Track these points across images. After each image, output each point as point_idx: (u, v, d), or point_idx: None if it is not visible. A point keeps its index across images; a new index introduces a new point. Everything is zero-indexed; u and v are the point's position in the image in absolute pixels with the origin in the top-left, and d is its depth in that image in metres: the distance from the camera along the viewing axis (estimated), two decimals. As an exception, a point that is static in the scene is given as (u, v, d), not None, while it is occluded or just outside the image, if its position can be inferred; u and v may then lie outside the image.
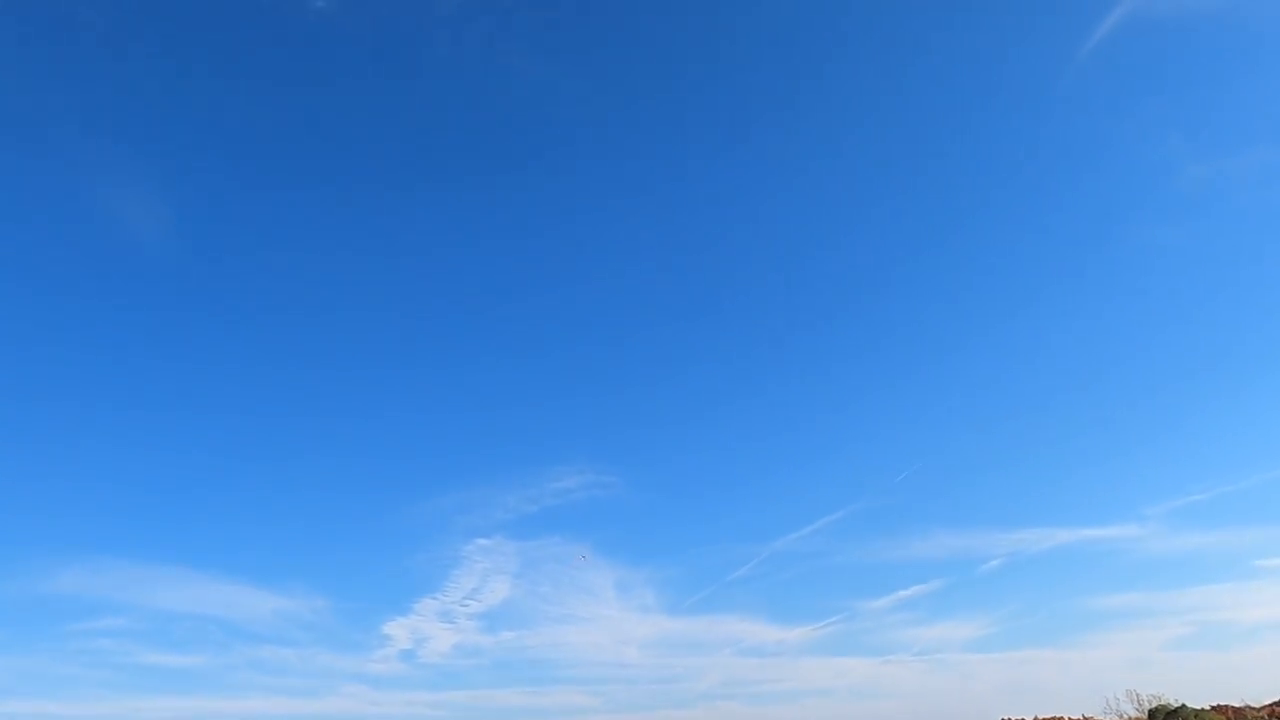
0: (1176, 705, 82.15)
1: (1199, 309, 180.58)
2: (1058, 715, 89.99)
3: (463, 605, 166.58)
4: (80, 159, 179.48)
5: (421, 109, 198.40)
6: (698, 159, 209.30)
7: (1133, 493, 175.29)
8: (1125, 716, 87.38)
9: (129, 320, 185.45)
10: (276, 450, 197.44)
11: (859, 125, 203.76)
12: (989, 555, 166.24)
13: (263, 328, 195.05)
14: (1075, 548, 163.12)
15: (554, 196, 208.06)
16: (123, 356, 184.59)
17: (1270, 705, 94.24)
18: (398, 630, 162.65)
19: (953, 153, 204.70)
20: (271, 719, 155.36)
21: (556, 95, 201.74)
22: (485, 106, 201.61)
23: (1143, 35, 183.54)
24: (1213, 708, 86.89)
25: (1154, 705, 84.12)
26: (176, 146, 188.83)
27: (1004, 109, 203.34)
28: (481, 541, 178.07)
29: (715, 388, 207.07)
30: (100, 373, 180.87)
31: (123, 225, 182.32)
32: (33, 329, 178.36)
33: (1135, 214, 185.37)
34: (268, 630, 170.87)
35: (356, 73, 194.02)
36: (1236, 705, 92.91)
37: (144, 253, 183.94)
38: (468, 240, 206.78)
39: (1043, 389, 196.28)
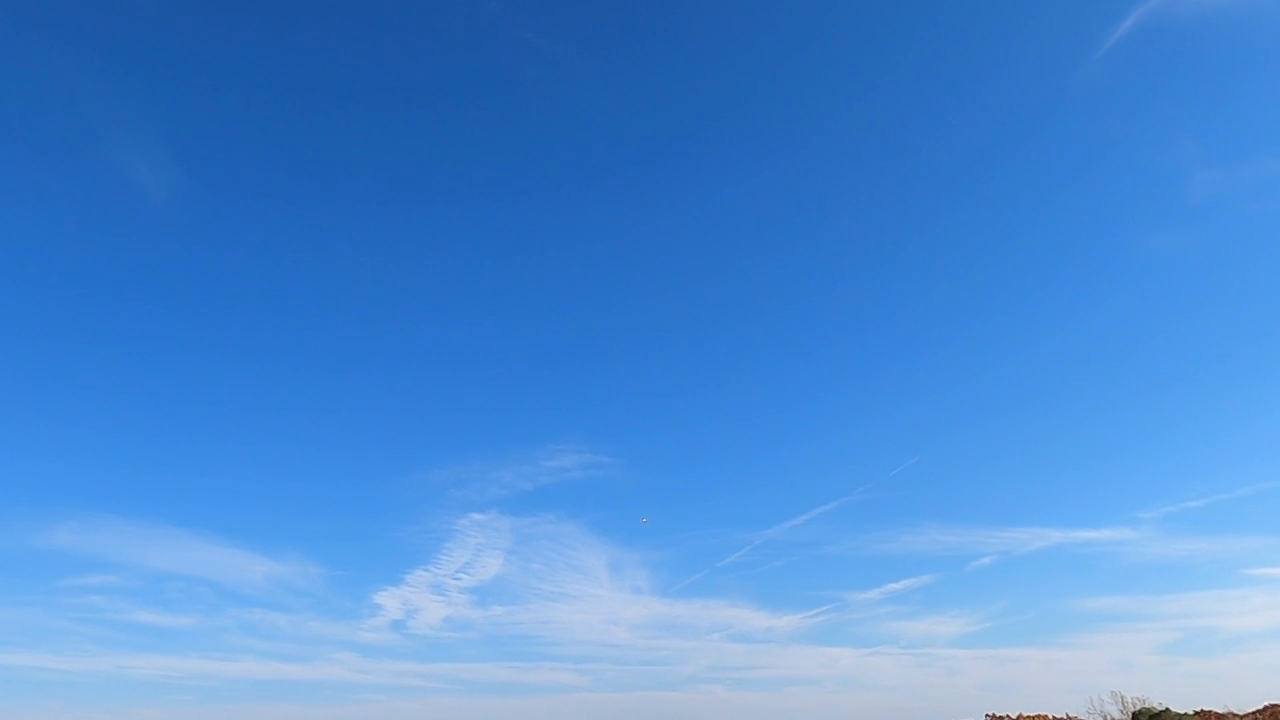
0: (1160, 709, 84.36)
1: (1203, 315, 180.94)
2: (1042, 714, 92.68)
3: (455, 579, 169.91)
4: (86, 105, 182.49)
5: (425, 70, 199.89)
6: (705, 148, 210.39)
7: (1127, 496, 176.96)
8: (1109, 717, 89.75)
9: (130, 271, 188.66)
10: (277, 415, 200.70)
11: (872, 122, 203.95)
12: (980, 552, 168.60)
13: (265, 290, 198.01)
14: (1067, 548, 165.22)
15: (560, 181, 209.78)
16: (123, 309, 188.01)
17: (1254, 713, 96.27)
18: (389, 600, 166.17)
19: (964, 152, 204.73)
20: (261, 683, 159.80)
21: (558, 81, 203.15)
22: (484, 76, 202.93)
23: (1158, 40, 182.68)
24: (1196, 713, 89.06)
25: (1138, 708, 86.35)
26: (181, 95, 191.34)
27: (1018, 110, 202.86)
28: (476, 516, 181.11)
29: (714, 377, 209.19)
30: (102, 326, 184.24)
31: (126, 172, 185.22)
32: (33, 276, 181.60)
33: (1143, 218, 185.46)
34: (259, 594, 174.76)
35: (364, 32, 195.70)
36: (1220, 712, 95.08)
37: (147, 200, 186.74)
38: (476, 222, 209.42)
39: (1042, 389, 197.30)
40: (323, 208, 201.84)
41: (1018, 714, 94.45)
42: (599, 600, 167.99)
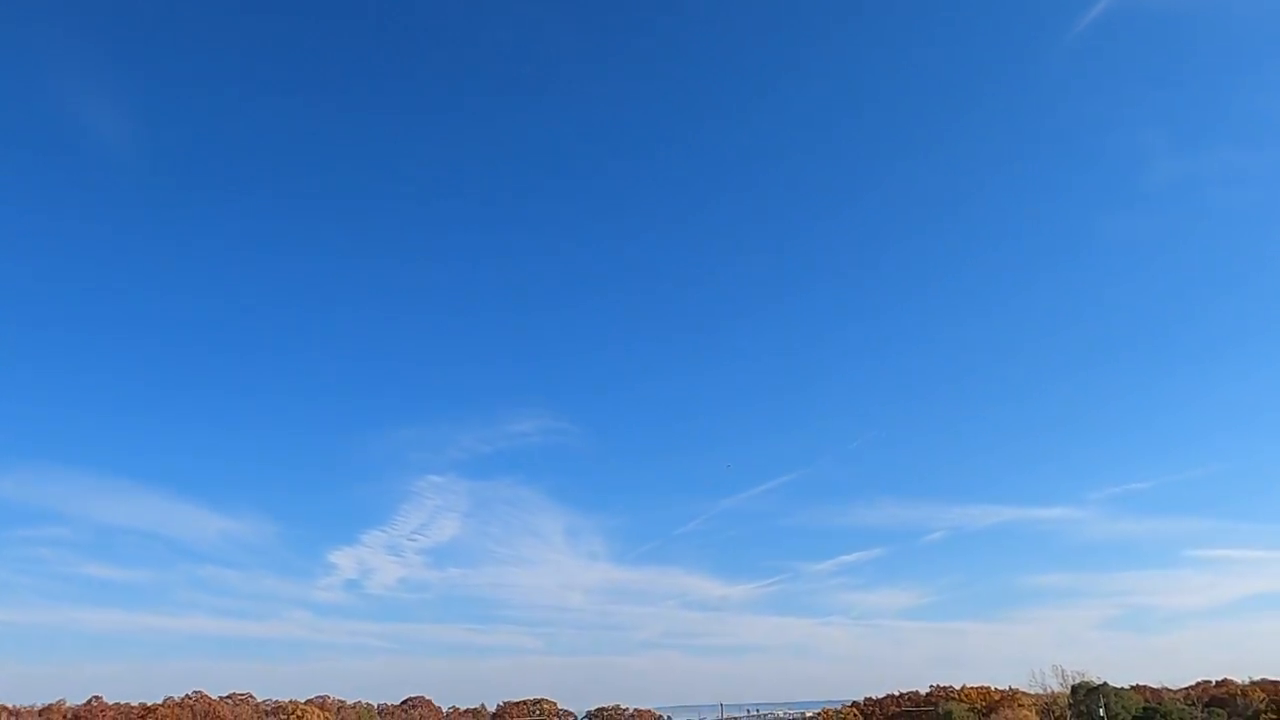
0: (1099, 683, 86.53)
1: (1157, 301, 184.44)
2: (986, 685, 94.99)
3: (410, 539, 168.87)
4: (47, 59, 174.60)
5: (401, 33, 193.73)
6: (676, 127, 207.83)
7: (1075, 477, 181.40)
8: (1050, 690, 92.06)
9: (88, 227, 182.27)
10: (231, 369, 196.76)
11: (840, 111, 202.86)
12: (932, 527, 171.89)
13: (225, 245, 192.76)
14: (1016, 526, 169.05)
15: (533, 150, 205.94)
16: (79, 263, 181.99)
17: (1187, 689, 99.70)
18: (344, 560, 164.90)
19: (923, 128, 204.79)
20: (213, 639, 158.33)
21: (553, 45, 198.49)
22: (466, 38, 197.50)
23: (1127, 27, 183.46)
24: (1133, 688, 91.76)
25: (1077, 681, 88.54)
26: (147, 53, 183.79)
27: (986, 95, 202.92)
28: (433, 478, 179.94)
29: (674, 346, 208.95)
30: (57, 277, 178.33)
31: (87, 128, 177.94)
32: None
33: (1102, 200, 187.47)
34: (212, 550, 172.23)
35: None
36: (1155, 687, 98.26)
37: (108, 157, 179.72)
38: (442, 178, 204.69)
39: (998, 370, 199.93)
40: (290, 159, 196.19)
41: (962, 685, 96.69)
42: (555, 565, 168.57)
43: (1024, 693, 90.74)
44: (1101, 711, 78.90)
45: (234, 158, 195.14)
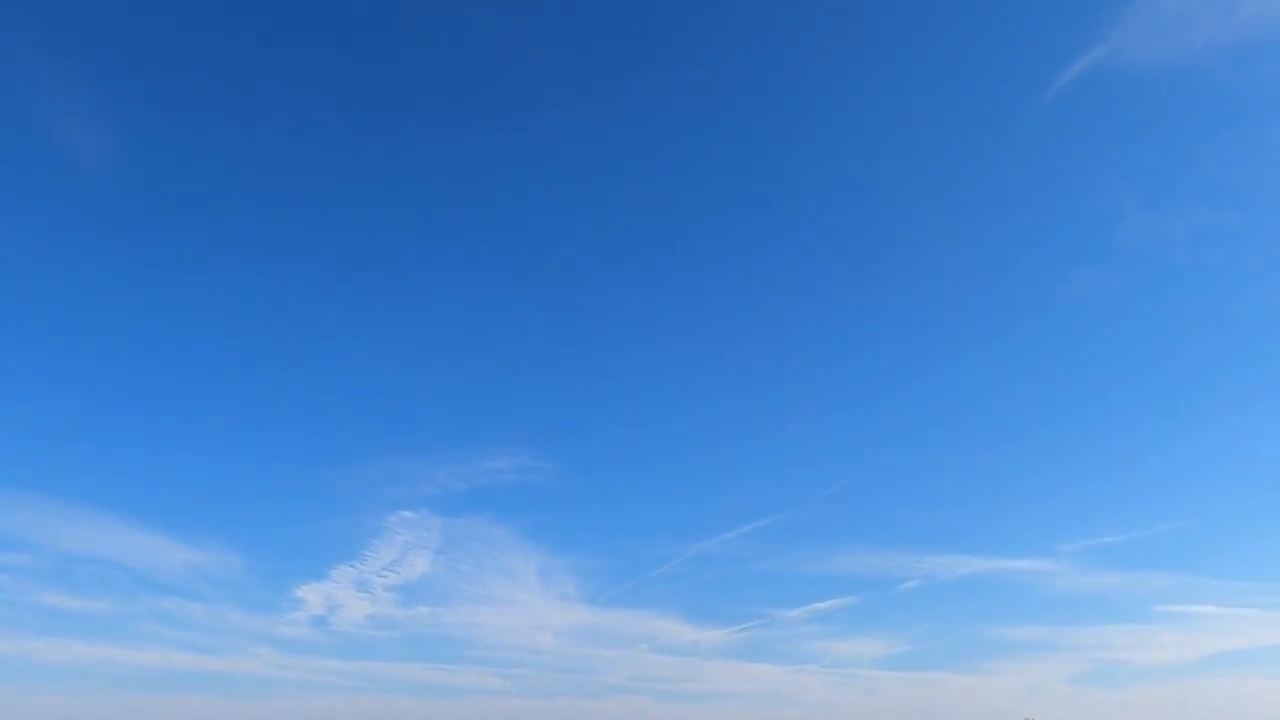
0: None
1: (1131, 357, 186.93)
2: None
3: (380, 576, 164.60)
4: (17, 71, 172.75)
5: (389, 66, 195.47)
6: (653, 159, 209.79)
7: (1049, 529, 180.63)
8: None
9: (57, 248, 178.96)
10: (202, 398, 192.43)
11: (811, 164, 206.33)
12: (906, 576, 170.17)
13: (198, 271, 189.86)
14: (989, 576, 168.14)
15: (508, 182, 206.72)
16: (45, 285, 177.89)
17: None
18: (311, 595, 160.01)
19: (903, 190, 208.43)
20: (174, 673, 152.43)
21: (532, 77, 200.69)
22: (449, 74, 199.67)
23: (1104, 86, 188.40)
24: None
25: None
26: (123, 66, 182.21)
27: (962, 151, 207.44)
28: (405, 514, 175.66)
29: (653, 388, 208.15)
30: (22, 298, 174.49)
31: (59, 143, 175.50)
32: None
33: (1074, 256, 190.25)
34: (176, 582, 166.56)
35: (315, 18, 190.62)
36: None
37: (80, 175, 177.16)
38: (419, 209, 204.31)
39: (972, 420, 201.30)
40: (268, 175, 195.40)
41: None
42: (527, 605, 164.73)
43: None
44: (1071, 766, 77.77)
45: (209, 181, 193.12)
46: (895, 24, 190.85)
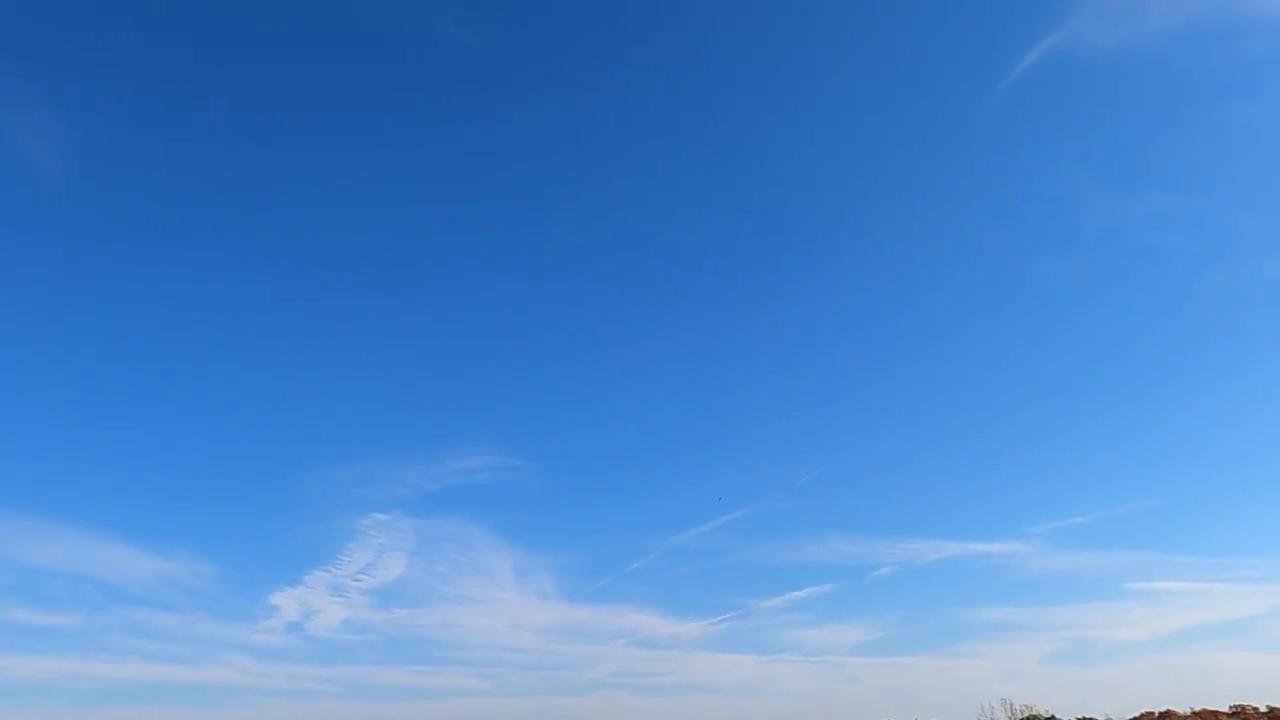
0: (1046, 716, 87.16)
1: (1090, 339, 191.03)
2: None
3: (355, 580, 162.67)
4: None
5: (356, 74, 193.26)
6: (624, 164, 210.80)
7: (1019, 511, 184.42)
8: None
9: (16, 258, 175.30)
10: (166, 403, 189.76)
11: (778, 140, 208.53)
12: (880, 563, 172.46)
13: (161, 281, 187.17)
14: (961, 560, 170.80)
15: (481, 185, 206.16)
16: (10, 297, 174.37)
17: (1133, 719, 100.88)
18: (286, 601, 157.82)
19: (865, 170, 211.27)
20: (148, 685, 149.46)
21: (499, 78, 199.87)
22: (421, 79, 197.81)
23: (1061, 73, 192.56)
24: (1079, 719, 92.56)
25: (1026, 715, 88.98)
26: (82, 78, 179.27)
27: (921, 139, 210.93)
28: (379, 516, 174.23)
29: (624, 384, 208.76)
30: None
31: (18, 155, 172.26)
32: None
33: (1037, 242, 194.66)
34: (147, 593, 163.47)
35: (278, 21, 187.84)
36: (1100, 718, 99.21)
37: (41, 184, 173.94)
38: (388, 214, 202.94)
39: (940, 407, 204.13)
40: (230, 183, 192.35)
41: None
42: (504, 604, 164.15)
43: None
44: (1050, 745, 79.01)
45: (171, 195, 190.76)
46: (851, 18, 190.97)
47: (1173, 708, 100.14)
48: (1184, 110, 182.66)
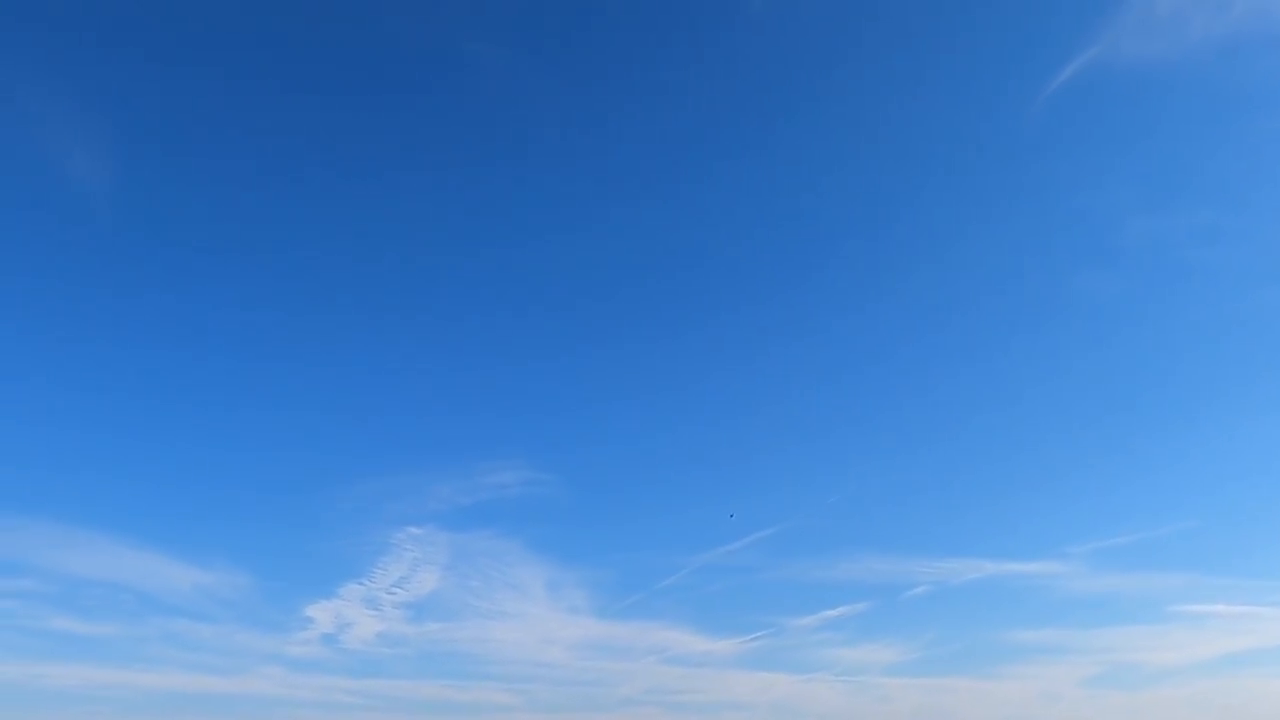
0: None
1: (1130, 356, 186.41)
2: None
3: (389, 593, 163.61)
4: (23, 102, 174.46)
5: (388, 89, 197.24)
6: (655, 175, 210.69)
7: (1058, 531, 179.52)
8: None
9: (62, 279, 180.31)
10: (202, 417, 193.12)
11: (814, 175, 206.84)
12: (915, 582, 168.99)
13: (197, 297, 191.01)
14: (999, 580, 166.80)
15: (506, 199, 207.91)
16: (47, 313, 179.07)
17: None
18: (320, 613, 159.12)
19: (900, 186, 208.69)
20: (184, 695, 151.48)
21: (525, 90, 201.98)
22: (451, 96, 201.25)
23: (1101, 86, 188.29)
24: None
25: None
26: (129, 100, 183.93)
27: (957, 154, 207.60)
28: (412, 530, 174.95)
29: (658, 399, 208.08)
30: (25, 327, 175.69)
31: (67, 174, 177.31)
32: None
33: (1075, 258, 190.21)
34: (184, 603, 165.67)
35: (315, 34, 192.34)
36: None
37: (89, 205, 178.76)
38: (418, 227, 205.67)
39: (977, 424, 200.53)
40: (266, 200, 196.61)
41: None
42: (536, 619, 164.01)
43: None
44: (1089, 771, 77.12)
45: (209, 209, 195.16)
46: (886, 31, 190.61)
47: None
48: (1228, 123, 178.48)
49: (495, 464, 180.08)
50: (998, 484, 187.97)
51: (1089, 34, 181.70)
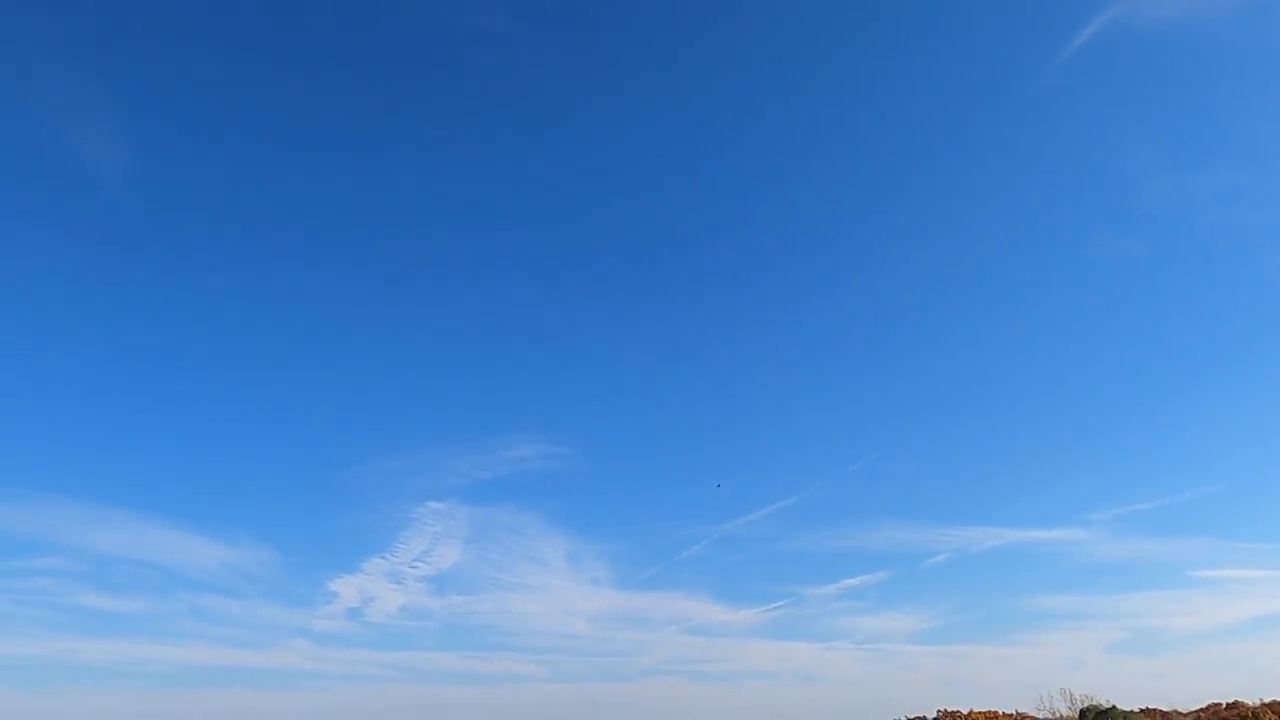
0: (1107, 706, 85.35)
1: (1153, 320, 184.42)
2: (993, 710, 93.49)
3: (412, 567, 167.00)
4: (37, 86, 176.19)
5: (392, 74, 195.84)
6: (680, 153, 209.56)
7: (1079, 497, 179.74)
8: (1058, 714, 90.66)
9: (79, 257, 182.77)
10: (229, 396, 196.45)
11: (831, 116, 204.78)
12: (935, 550, 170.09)
13: (218, 275, 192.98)
14: (1020, 548, 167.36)
15: (524, 174, 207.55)
16: (69, 293, 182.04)
17: (1197, 711, 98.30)
18: (345, 588, 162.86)
19: (920, 152, 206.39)
20: (213, 669, 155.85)
21: (540, 68, 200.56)
22: (460, 74, 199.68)
23: (1117, 49, 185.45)
24: (1142, 710, 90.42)
25: (1086, 705, 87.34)
26: (139, 79, 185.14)
27: (976, 112, 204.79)
28: (433, 505, 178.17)
29: (672, 371, 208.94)
30: (47, 308, 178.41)
31: (79, 160, 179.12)
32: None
33: (1096, 221, 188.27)
34: (211, 579, 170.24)
35: (321, 28, 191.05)
36: (1165, 710, 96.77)
37: (99, 190, 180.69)
38: (435, 204, 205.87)
39: (998, 392, 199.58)
40: (281, 179, 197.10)
41: (969, 710, 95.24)
42: (557, 591, 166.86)
43: (1032, 716, 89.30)
44: (1111, 735, 77.61)
45: (224, 188, 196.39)
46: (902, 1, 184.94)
47: (1241, 698, 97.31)
48: (1249, 83, 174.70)
49: (513, 438, 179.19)
50: (1018, 452, 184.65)
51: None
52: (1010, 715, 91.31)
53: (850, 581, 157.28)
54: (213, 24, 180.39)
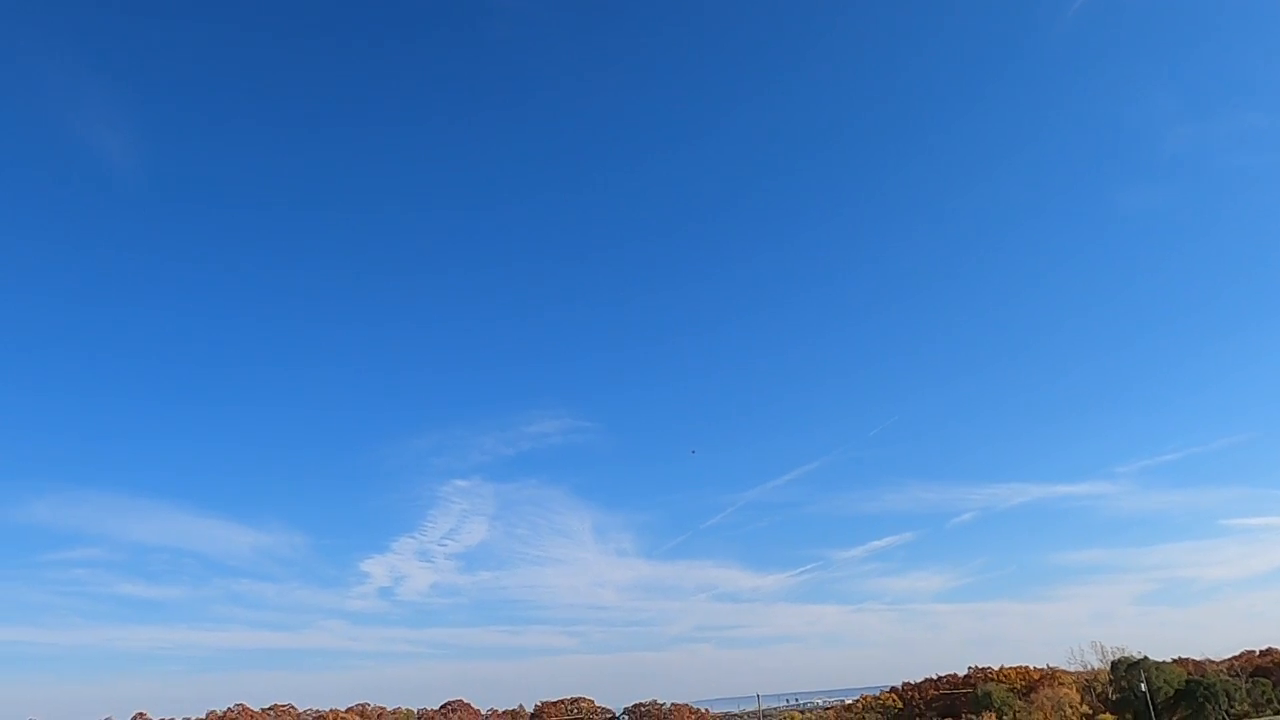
0: (1139, 658, 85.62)
1: (1176, 270, 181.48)
2: (1024, 665, 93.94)
3: (440, 545, 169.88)
4: (54, 88, 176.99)
5: (403, 52, 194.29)
6: (697, 132, 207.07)
7: (1104, 451, 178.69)
8: (1090, 667, 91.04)
9: (100, 248, 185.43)
10: (249, 384, 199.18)
11: (842, 74, 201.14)
12: (961, 509, 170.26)
13: (242, 262, 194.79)
14: (1047, 503, 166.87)
15: (544, 155, 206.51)
16: (93, 285, 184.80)
17: (1230, 659, 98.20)
18: (376, 568, 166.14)
19: (936, 107, 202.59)
20: (250, 651, 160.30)
21: (558, 46, 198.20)
22: (465, 50, 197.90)
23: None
24: (1174, 661, 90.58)
25: (1117, 657, 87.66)
26: (148, 70, 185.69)
27: (993, 65, 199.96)
28: (459, 483, 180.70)
29: (691, 341, 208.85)
30: (73, 304, 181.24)
31: (94, 157, 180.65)
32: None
33: (1117, 172, 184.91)
34: (245, 564, 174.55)
35: (335, 19, 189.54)
36: (1197, 659, 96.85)
37: (113, 187, 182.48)
38: (451, 182, 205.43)
39: (1019, 347, 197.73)
40: (301, 165, 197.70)
41: (1000, 666, 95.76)
42: (585, 563, 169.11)
43: (1064, 671, 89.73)
44: (1143, 686, 77.96)
45: (238, 175, 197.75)
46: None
47: (1275, 645, 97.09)
48: (1267, 25, 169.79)
49: (535, 414, 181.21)
50: (1042, 407, 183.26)
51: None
52: (1042, 670, 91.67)
53: (877, 543, 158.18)
54: (212, 19, 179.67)
